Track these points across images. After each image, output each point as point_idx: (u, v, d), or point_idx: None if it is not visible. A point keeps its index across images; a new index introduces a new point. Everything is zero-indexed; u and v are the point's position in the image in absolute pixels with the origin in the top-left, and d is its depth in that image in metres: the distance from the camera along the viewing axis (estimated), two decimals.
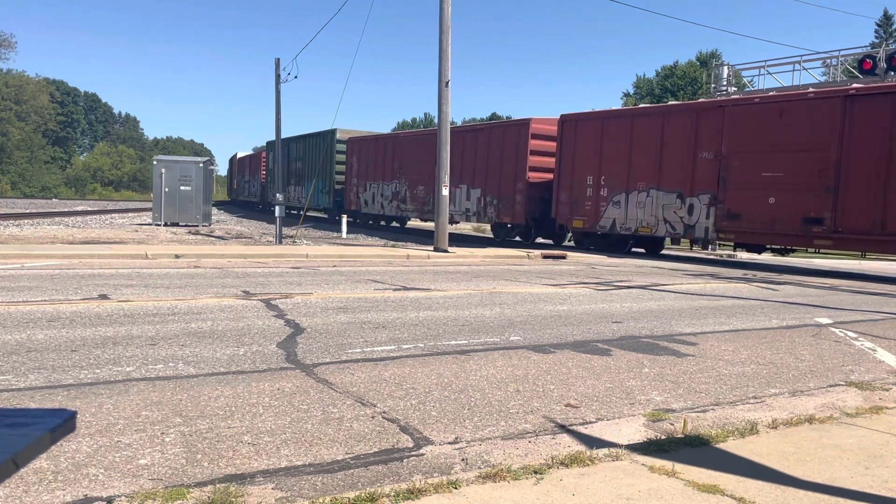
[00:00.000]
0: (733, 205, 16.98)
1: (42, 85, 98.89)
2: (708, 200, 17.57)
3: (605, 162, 20.17)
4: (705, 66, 53.14)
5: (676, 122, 18.58)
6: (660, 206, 18.70)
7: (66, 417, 1.24)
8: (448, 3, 16.40)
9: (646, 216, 19.10)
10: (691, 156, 18.00)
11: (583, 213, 20.77)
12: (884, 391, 4.93)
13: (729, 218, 17.08)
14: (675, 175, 18.39)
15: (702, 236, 17.97)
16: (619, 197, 19.77)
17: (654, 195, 18.86)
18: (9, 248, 12.53)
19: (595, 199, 20.43)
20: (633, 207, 19.39)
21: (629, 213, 19.50)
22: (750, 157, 16.74)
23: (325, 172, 33.52)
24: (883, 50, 22.63)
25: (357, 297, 8.55)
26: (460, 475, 2.99)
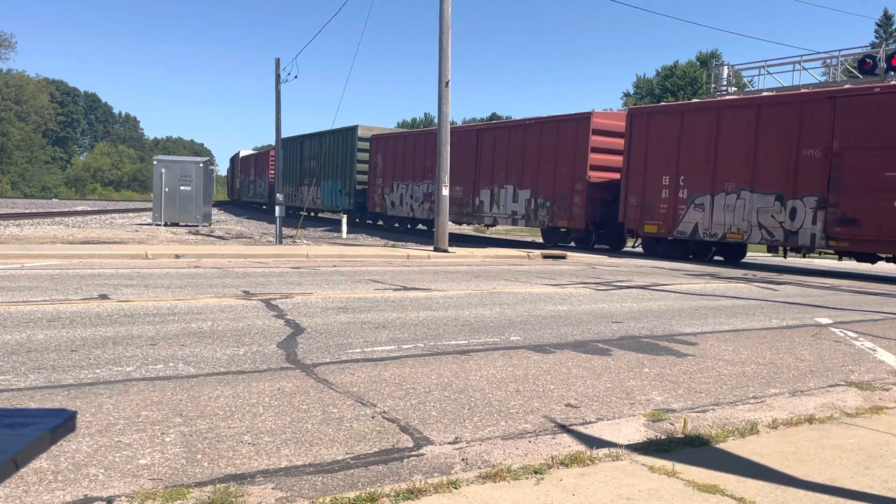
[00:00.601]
0: (849, 209, 15.10)
1: (42, 85, 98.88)
2: (815, 204, 15.66)
3: (685, 160, 18.20)
4: (705, 66, 53.14)
5: (774, 116, 16.58)
6: (753, 210, 16.67)
7: (66, 417, 1.24)
8: (448, 3, 16.39)
9: (736, 221, 17.08)
10: (793, 153, 16.05)
11: (657, 216, 18.87)
12: (884, 391, 4.93)
13: (843, 223, 15.20)
14: (773, 175, 16.42)
15: (807, 244, 15.94)
16: (703, 199, 17.81)
17: (747, 197, 16.83)
18: (9, 248, 12.53)
19: (672, 201, 18.46)
20: (719, 211, 17.39)
21: (715, 216, 17.48)
22: (870, 155, 14.82)
23: (344, 172, 31.63)
24: (883, 50, 22.63)
25: (357, 297, 8.55)
26: (460, 475, 2.99)
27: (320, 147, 34.36)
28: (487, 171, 24.04)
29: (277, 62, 21.11)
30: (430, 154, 25.52)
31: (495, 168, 23.69)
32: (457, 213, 25.17)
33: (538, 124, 22.27)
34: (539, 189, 21.84)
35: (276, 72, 21.07)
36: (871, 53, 22.91)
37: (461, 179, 24.61)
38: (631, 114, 20.01)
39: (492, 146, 23.92)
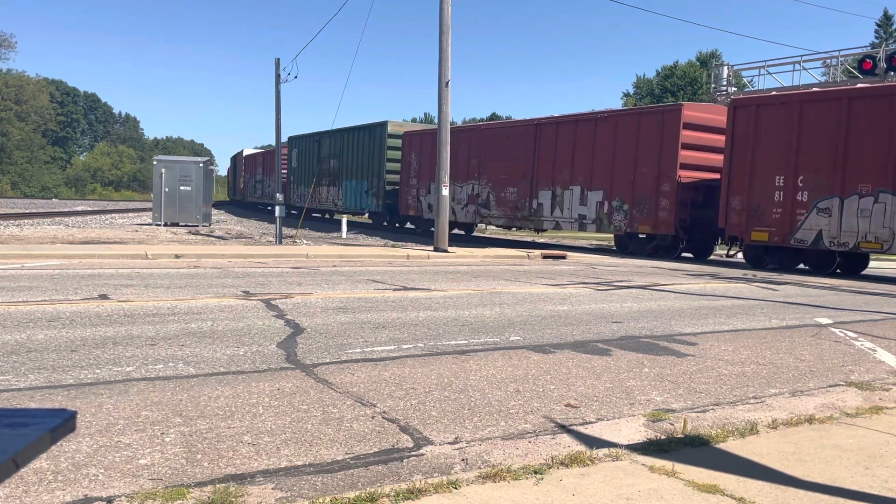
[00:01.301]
0: None
1: (42, 85, 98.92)
2: None
3: (804, 158, 15.89)
4: (705, 67, 53.14)
5: None
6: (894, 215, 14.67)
7: (66, 417, 1.24)
8: (448, 4, 16.40)
9: (873, 228, 14.86)
10: None
11: (768, 222, 16.49)
12: (884, 391, 4.93)
13: None
14: None
15: None
16: (828, 203, 15.49)
17: (888, 201, 14.67)
18: (9, 248, 12.53)
19: (788, 204, 16.15)
20: (850, 216, 15.17)
21: (844, 223, 15.25)
22: None
23: (371, 172, 28.90)
24: (883, 50, 22.64)
25: (357, 297, 8.55)
26: (460, 475, 2.99)
27: (342, 145, 31.50)
28: (547, 170, 21.41)
29: (277, 62, 21.12)
30: (476, 152, 23.89)
31: (557, 167, 21.11)
32: (508, 216, 22.84)
33: (613, 118, 20.07)
34: (614, 190, 19.50)
35: (276, 72, 21.08)
36: (871, 53, 22.91)
37: (514, 179, 22.37)
38: (735, 105, 17.65)
39: (553, 142, 21.28)
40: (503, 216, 23.21)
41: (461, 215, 25.08)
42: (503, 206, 23.07)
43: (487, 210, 23.85)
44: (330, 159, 32.61)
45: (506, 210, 22.93)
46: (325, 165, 32.98)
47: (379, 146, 28.38)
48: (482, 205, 23.96)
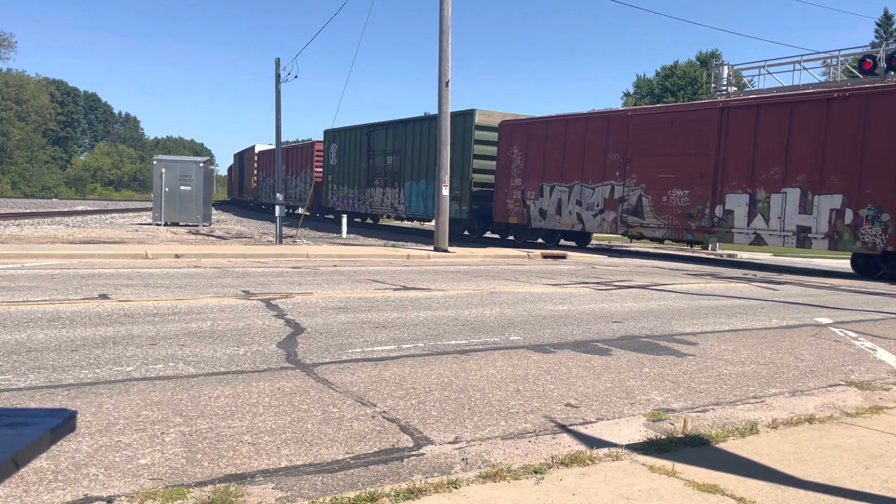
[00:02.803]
0: None
1: (42, 85, 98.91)
2: None
3: None
4: (705, 66, 53.12)
5: None
6: None
7: (67, 417, 1.24)
8: (448, 3, 16.40)
9: None
10: None
11: None
12: (884, 391, 4.93)
13: None
14: None
15: None
16: None
17: None
18: (9, 247, 12.53)
19: None
20: None
21: None
22: None
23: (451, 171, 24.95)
24: (883, 50, 22.63)
25: (357, 296, 8.55)
26: (460, 475, 2.99)
27: (403, 139, 26.61)
28: (740, 167, 16.64)
29: (277, 62, 21.12)
30: (617, 144, 19.11)
31: (759, 163, 16.37)
32: (674, 226, 17.93)
33: (861, 96, 14.88)
34: (862, 195, 14.53)
35: (276, 72, 21.07)
36: (872, 53, 22.91)
37: (683, 179, 17.68)
38: None
39: (749, 130, 16.48)
40: (665, 226, 18.14)
41: (592, 224, 20.08)
42: (665, 214, 18.11)
43: (638, 218, 18.69)
44: (386, 156, 27.67)
45: (670, 218, 17.98)
46: (377, 163, 28.17)
47: (462, 140, 22.83)
48: (629, 211, 18.89)
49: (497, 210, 22.96)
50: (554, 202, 21.01)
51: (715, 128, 17.14)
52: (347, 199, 30.82)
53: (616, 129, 19.33)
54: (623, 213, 19.16)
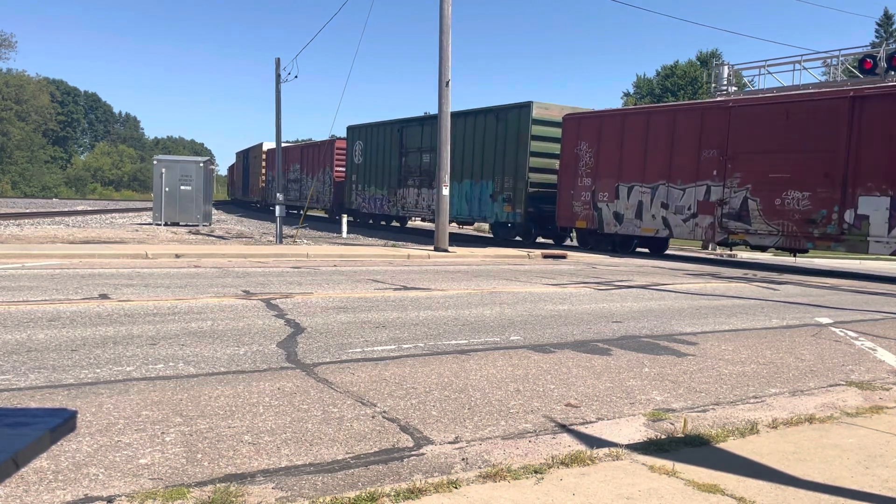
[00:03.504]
0: None
1: (42, 85, 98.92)
2: None
3: None
4: (705, 66, 53.13)
5: None
6: None
7: (67, 417, 1.24)
8: (448, 3, 16.40)
9: None
10: None
11: None
12: (884, 391, 4.93)
13: None
14: None
15: None
16: None
17: None
18: (9, 247, 12.53)
19: None
20: None
21: None
22: None
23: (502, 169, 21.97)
24: (883, 49, 22.63)
25: (357, 296, 8.55)
26: (460, 475, 2.99)
27: None
28: (879, 165, 14.41)
29: (277, 62, 21.12)
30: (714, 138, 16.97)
31: None
32: (790, 233, 15.84)
33: None
34: None
35: (276, 72, 21.08)
36: (872, 53, 22.90)
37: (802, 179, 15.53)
38: None
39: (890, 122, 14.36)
40: (778, 233, 16.00)
41: (681, 230, 17.92)
42: (778, 219, 15.96)
43: (742, 223, 16.58)
44: (421, 153, 25.49)
45: (785, 224, 15.88)
46: (411, 161, 25.99)
47: (516, 135, 21.13)
48: (731, 216, 16.72)
49: (560, 213, 20.76)
50: (633, 205, 18.80)
51: (844, 120, 14.89)
52: (375, 201, 28.65)
53: (712, 123, 17.17)
54: (723, 218, 16.82)
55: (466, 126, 23.18)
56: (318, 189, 34.42)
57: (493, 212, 22.33)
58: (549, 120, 21.10)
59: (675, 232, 18.12)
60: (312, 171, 35.83)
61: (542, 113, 21.02)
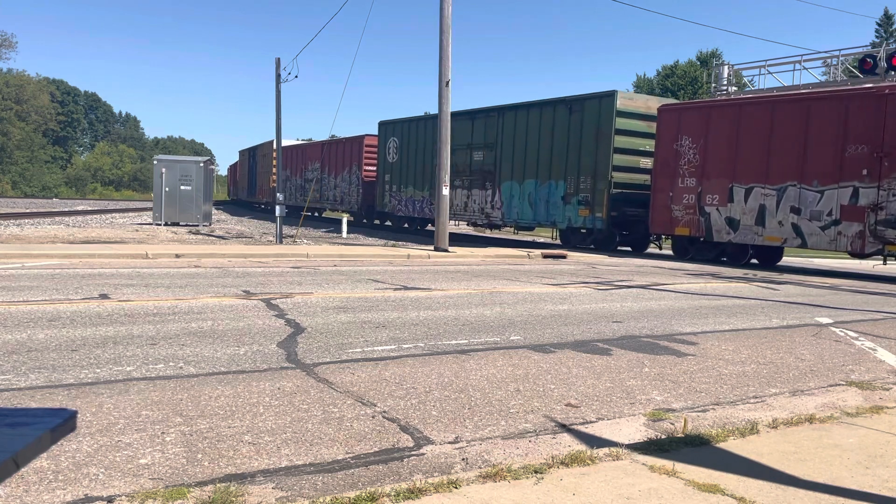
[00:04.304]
0: None
1: (42, 84, 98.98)
2: None
3: None
4: (705, 66, 53.12)
5: None
6: None
7: (67, 417, 1.24)
8: (448, 3, 16.40)
9: None
10: None
11: None
12: (884, 391, 4.93)
13: None
14: None
15: None
16: None
17: None
18: (9, 247, 12.53)
19: None
20: None
21: None
22: None
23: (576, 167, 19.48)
24: (883, 49, 22.62)
25: (357, 296, 8.55)
26: (461, 475, 2.99)
27: (500, 130, 22.12)
28: None
29: (278, 62, 21.12)
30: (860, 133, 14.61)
31: None
32: None
33: None
34: None
35: (276, 72, 21.07)
36: (872, 53, 22.89)
37: None
38: None
39: None
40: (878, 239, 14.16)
41: (818, 239, 15.38)
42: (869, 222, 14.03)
43: None
44: (471, 151, 23.13)
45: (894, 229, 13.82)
46: (459, 159, 23.17)
47: (595, 129, 18.95)
48: (889, 223, 14.41)
49: (655, 218, 18.40)
50: (752, 209, 16.39)
51: None
52: (412, 203, 26.28)
53: (860, 114, 14.74)
54: (877, 226, 14.33)
55: (530, 119, 20.86)
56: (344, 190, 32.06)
57: (565, 216, 19.98)
58: (633, 112, 18.93)
59: (810, 241, 15.54)
60: (336, 169, 32.96)
61: (626, 104, 18.88)
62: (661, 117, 18.38)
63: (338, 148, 32.79)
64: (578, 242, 20.51)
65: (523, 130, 21.09)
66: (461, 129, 23.08)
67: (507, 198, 21.99)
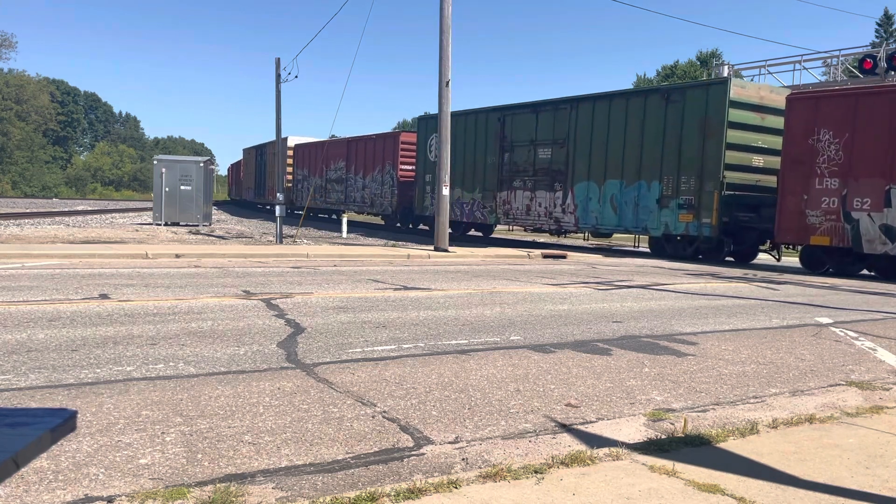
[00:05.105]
0: None
1: (42, 84, 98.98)
2: None
3: None
4: (705, 66, 53.14)
5: None
6: None
7: (67, 417, 1.24)
8: (448, 3, 16.40)
9: None
10: None
11: None
12: (884, 391, 4.93)
13: None
14: None
15: None
16: None
17: None
18: (9, 247, 12.53)
19: None
20: None
21: None
22: None
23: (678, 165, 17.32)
24: (883, 49, 22.64)
25: (357, 296, 8.55)
26: (461, 475, 2.99)
27: (573, 123, 19.83)
28: None
29: (278, 62, 21.12)
30: None
31: None
32: None
33: None
34: None
35: (276, 71, 21.08)
36: (872, 53, 22.90)
37: None
38: None
39: None
40: None
41: None
42: None
43: None
44: (535, 147, 20.99)
45: None
46: (519, 157, 21.53)
47: (700, 122, 16.81)
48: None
49: (782, 225, 15.99)
50: None
51: None
52: (460, 206, 23.86)
53: None
54: None
55: (612, 111, 18.75)
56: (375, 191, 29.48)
57: (661, 221, 17.69)
58: (746, 102, 16.64)
59: None
60: (364, 169, 30.34)
61: (739, 93, 16.57)
62: (792, 107, 15.84)
63: (367, 145, 30.41)
64: (676, 251, 18.10)
65: (604, 124, 18.93)
66: (522, 124, 21.46)
67: (583, 200, 19.61)
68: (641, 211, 18.18)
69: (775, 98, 17.02)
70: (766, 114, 16.94)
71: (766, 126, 17.03)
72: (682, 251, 17.94)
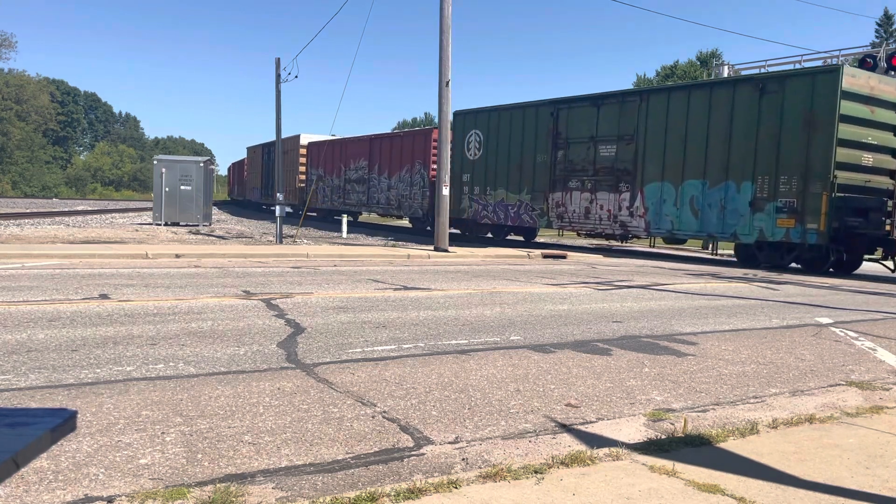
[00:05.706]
0: None
1: (42, 84, 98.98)
2: None
3: None
4: (705, 66, 53.14)
5: None
6: None
7: (67, 417, 1.24)
8: (448, 3, 16.40)
9: None
10: None
11: None
12: (884, 391, 4.93)
13: None
14: None
15: None
16: None
17: None
18: (9, 247, 12.53)
19: None
20: None
21: None
22: None
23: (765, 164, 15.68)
24: (883, 49, 22.64)
25: (357, 296, 8.55)
26: (461, 475, 2.99)
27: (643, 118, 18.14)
28: None
29: (278, 62, 21.12)
30: None
31: None
32: None
33: None
34: None
35: (276, 71, 21.07)
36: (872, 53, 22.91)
37: None
38: None
39: None
40: None
41: None
42: None
43: None
44: (595, 145, 19.37)
45: None
46: (575, 155, 19.90)
47: (804, 115, 15.01)
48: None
49: None
50: None
51: None
52: (504, 208, 22.11)
53: None
54: None
55: (692, 104, 16.97)
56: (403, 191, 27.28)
57: (754, 227, 15.94)
58: (859, 93, 14.84)
59: None
60: (390, 168, 27.96)
61: (851, 83, 14.67)
62: None
63: (393, 143, 28.01)
64: (771, 260, 16.19)
65: (680, 118, 17.08)
66: (581, 119, 19.73)
67: (655, 203, 17.77)
68: (729, 215, 16.37)
69: (885, 89, 15.35)
70: (876, 106, 15.25)
71: (877, 120, 15.35)
72: (778, 260, 16.18)
